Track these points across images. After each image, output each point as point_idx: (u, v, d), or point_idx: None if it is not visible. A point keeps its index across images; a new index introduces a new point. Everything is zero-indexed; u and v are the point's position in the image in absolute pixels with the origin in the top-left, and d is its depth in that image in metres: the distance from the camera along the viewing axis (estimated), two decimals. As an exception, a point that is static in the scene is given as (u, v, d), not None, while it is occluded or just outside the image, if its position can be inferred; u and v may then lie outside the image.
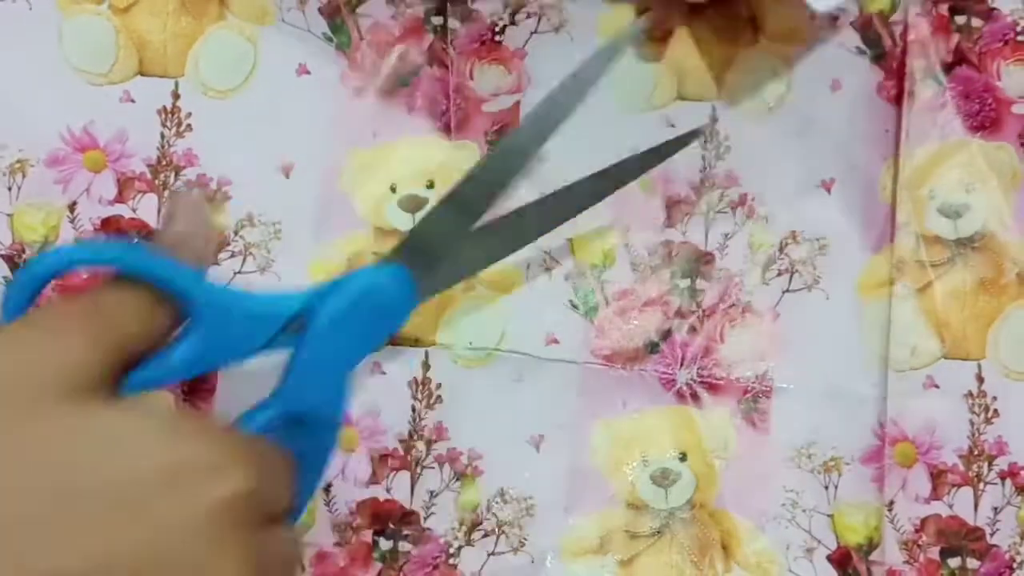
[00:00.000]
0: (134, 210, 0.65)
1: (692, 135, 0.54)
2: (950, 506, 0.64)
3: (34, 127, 0.65)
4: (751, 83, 0.66)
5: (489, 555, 0.63)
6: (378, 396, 0.64)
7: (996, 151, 0.67)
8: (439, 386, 0.64)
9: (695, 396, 0.65)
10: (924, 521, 0.64)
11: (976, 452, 0.64)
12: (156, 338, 0.43)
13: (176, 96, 0.66)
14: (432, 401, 0.64)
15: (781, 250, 0.66)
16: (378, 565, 0.62)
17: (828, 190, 0.67)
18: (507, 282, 0.65)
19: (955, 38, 0.68)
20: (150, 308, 0.43)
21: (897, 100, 0.68)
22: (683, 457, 0.64)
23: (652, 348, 0.65)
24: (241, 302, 0.45)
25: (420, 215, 0.65)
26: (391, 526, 0.62)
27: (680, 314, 0.65)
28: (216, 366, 0.46)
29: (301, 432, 0.45)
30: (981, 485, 0.64)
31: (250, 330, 0.45)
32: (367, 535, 0.62)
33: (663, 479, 0.64)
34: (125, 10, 0.67)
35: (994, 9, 0.69)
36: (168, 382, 0.43)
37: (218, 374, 0.63)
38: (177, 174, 0.65)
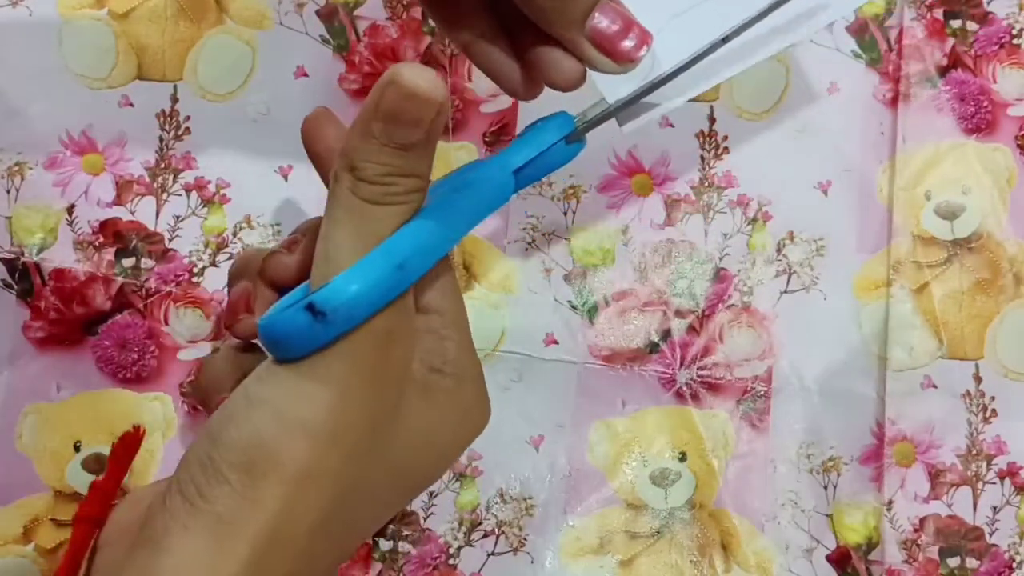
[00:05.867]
0: (132, 212, 0.65)
1: None
2: (949, 505, 0.64)
3: (33, 130, 0.65)
4: None
5: (489, 555, 0.63)
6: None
7: (992, 153, 0.68)
8: (438, 386, 0.64)
9: (695, 396, 0.65)
10: (923, 520, 0.64)
11: (975, 452, 0.64)
12: None
13: (175, 100, 0.67)
14: (431, 401, 0.64)
15: (779, 251, 0.66)
16: (378, 565, 0.62)
17: (825, 192, 0.67)
18: (507, 282, 0.65)
19: (950, 42, 0.69)
20: None
21: (893, 103, 0.68)
22: (682, 457, 0.64)
23: (652, 348, 0.65)
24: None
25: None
26: (391, 526, 0.62)
27: (680, 314, 0.65)
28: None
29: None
30: (980, 484, 0.64)
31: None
32: (367, 535, 0.62)
33: (662, 479, 0.64)
34: (124, 16, 0.67)
35: (989, 13, 0.69)
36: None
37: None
38: (175, 177, 0.65)
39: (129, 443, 0.59)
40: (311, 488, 0.39)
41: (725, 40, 0.47)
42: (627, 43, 0.46)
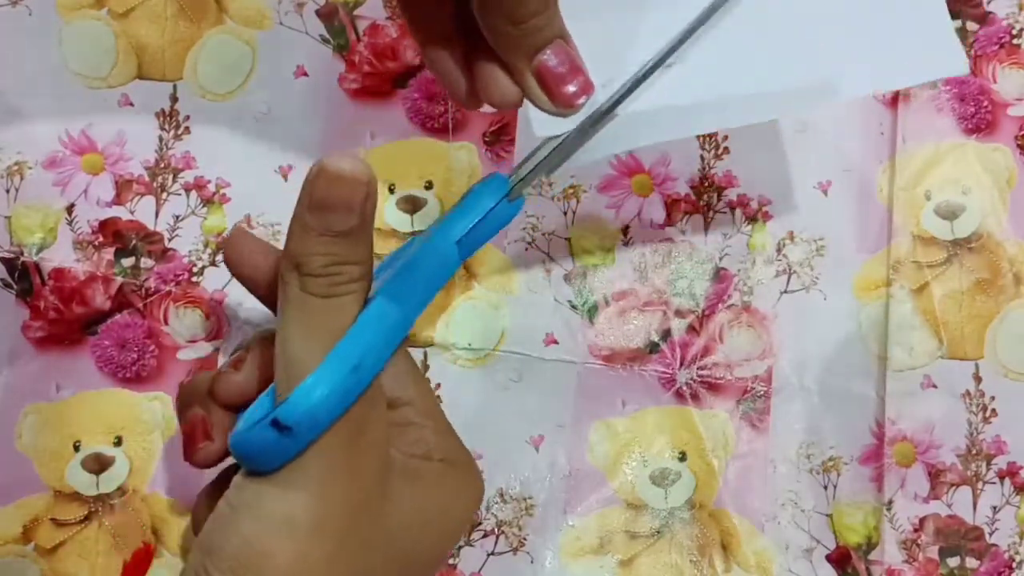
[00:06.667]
0: (132, 212, 0.65)
1: None
2: (949, 505, 0.64)
3: (33, 130, 0.65)
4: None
5: (489, 555, 0.63)
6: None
7: (991, 153, 0.68)
8: (438, 386, 0.64)
9: (695, 396, 0.65)
10: (923, 520, 0.64)
11: (974, 451, 0.64)
12: None
13: (174, 99, 0.66)
14: (431, 401, 0.64)
15: (779, 251, 0.66)
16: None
17: (825, 192, 0.67)
18: (507, 282, 0.65)
19: (950, 41, 0.69)
20: None
21: (893, 103, 0.68)
22: (682, 457, 0.64)
23: (652, 348, 0.65)
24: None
25: (419, 214, 0.65)
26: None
27: (680, 314, 0.65)
28: None
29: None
30: (980, 484, 0.64)
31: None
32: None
33: (662, 479, 0.64)
34: (124, 15, 0.67)
35: (989, 13, 0.69)
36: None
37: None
38: (175, 176, 0.65)
39: (140, 560, 0.59)
40: None
41: (638, 83, 0.47)
42: (569, 88, 0.46)
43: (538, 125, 0.48)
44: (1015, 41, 0.69)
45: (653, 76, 0.47)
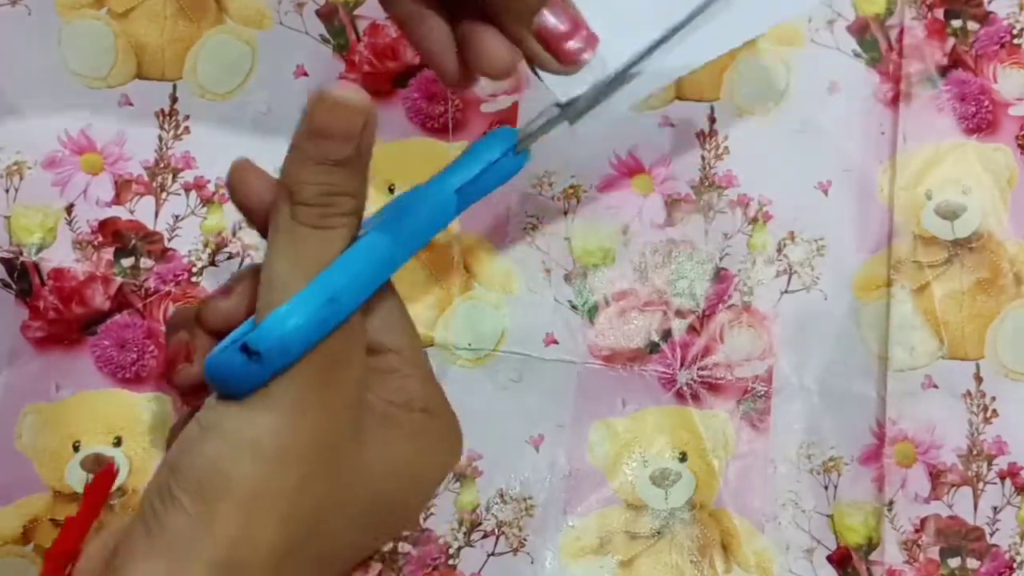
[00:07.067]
0: (131, 212, 0.65)
1: None
2: (950, 506, 0.64)
3: (32, 129, 0.65)
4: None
5: (489, 555, 0.63)
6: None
7: (992, 152, 0.67)
8: (438, 386, 0.64)
9: (695, 396, 0.65)
10: (924, 521, 0.64)
11: (975, 452, 0.64)
12: None
13: (174, 99, 0.66)
14: (431, 401, 0.64)
15: (779, 251, 0.66)
16: (378, 566, 0.61)
17: (825, 192, 0.67)
18: (507, 282, 0.65)
19: (951, 41, 0.69)
20: None
21: (894, 102, 0.68)
22: (683, 457, 0.64)
23: (652, 348, 0.65)
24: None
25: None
26: (391, 527, 0.62)
27: (680, 314, 0.65)
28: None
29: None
30: (980, 485, 0.64)
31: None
32: (367, 535, 0.62)
33: (662, 479, 0.63)
34: (124, 15, 0.67)
35: (990, 12, 0.69)
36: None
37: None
38: (175, 176, 0.65)
39: (103, 480, 0.59)
40: (266, 510, 0.40)
41: (666, 38, 0.46)
42: (573, 44, 0.46)
43: (558, 90, 0.47)
44: (1015, 41, 0.69)
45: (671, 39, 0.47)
